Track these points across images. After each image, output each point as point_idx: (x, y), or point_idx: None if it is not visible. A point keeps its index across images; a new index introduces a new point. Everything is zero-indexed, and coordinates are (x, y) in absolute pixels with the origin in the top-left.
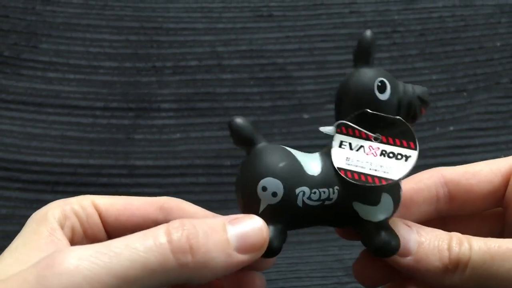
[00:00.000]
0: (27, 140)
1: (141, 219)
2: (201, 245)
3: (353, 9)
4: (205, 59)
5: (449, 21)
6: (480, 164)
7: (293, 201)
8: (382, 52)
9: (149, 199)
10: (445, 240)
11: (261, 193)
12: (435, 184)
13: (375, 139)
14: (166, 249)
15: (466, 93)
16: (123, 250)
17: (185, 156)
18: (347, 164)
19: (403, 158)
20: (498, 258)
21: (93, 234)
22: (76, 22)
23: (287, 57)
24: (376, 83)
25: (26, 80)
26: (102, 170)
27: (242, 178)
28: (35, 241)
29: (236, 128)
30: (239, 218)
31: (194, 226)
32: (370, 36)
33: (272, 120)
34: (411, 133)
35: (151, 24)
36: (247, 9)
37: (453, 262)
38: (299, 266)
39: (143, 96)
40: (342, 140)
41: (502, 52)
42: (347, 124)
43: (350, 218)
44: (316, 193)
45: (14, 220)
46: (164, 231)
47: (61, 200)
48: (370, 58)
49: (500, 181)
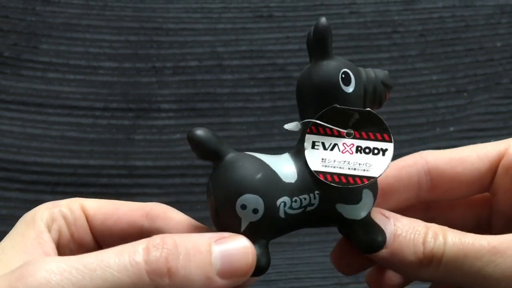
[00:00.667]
0: (27, 141)
1: (126, 225)
2: (181, 267)
3: (353, 9)
4: (205, 60)
5: (449, 21)
6: (466, 149)
7: (275, 214)
8: (382, 52)
9: (137, 204)
10: (421, 233)
11: (240, 211)
12: (417, 171)
13: (348, 134)
14: (141, 269)
15: (467, 93)
16: (96, 267)
17: (185, 157)
18: (324, 166)
19: (380, 153)
20: (470, 256)
21: (80, 237)
22: (76, 22)
23: (287, 57)
24: (340, 76)
25: (26, 81)
26: (102, 170)
27: (217, 196)
28: (21, 243)
29: (198, 141)
30: (226, 238)
31: (175, 246)
32: (324, 23)
33: (272, 121)
34: (384, 125)
35: (151, 24)
36: (247, 9)
37: (427, 257)
38: (299, 267)
39: (143, 96)
40: (314, 141)
41: (502, 53)
42: (317, 123)
43: (334, 220)
44: (297, 201)
45: (14, 220)
46: (142, 248)
47: (51, 203)
48: (329, 48)
49: (487, 168)
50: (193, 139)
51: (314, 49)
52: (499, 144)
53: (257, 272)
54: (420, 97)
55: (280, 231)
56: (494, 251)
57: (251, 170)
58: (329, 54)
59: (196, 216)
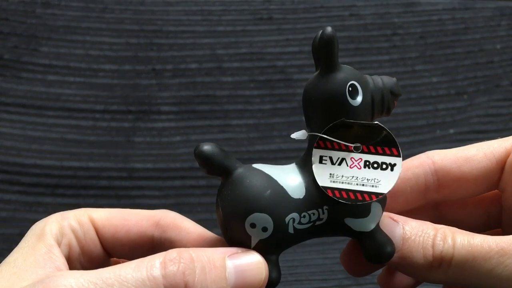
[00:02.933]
0: (27, 143)
1: (137, 236)
2: (197, 282)
3: (353, 12)
4: (205, 62)
5: (449, 23)
6: (472, 148)
7: (284, 230)
8: (382, 54)
9: (146, 213)
10: (430, 235)
11: (250, 230)
12: (424, 172)
13: (356, 149)
14: (159, 284)
15: (467, 95)
16: (114, 281)
17: (185, 159)
18: (332, 181)
19: (389, 168)
20: (479, 258)
21: (90, 250)
22: (76, 25)
23: (287, 59)
24: (347, 89)
25: (26, 83)
26: (102, 172)
27: (226, 213)
28: (33, 257)
29: (205, 157)
30: (239, 253)
31: (192, 260)
32: (329, 33)
33: (272, 123)
34: (392, 138)
35: (151, 27)
36: (247, 12)
37: (437, 259)
38: (299, 269)
39: (143, 98)
40: (322, 155)
41: (502, 55)
42: (325, 138)
43: (343, 232)
44: (306, 216)
45: (14, 223)
46: (160, 262)
47: (59, 214)
48: (335, 59)
49: (494, 165)
50: (200, 156)
51: (319, 59)
52: (505, 141)
53: (269, 286)
54: (420, 99)
55: (289, 245)
56: (503, 253)
57: (260, 188)
58: (336, 66)
59: (197, 219)
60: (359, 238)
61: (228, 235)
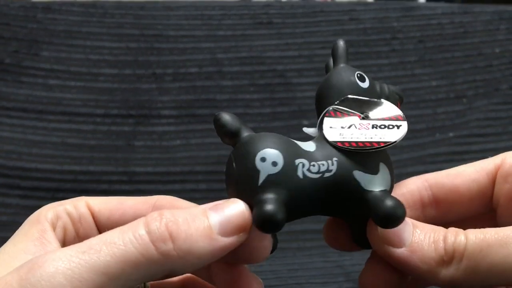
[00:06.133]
0: (28, 147)
1: (133, 218)
2: (182, 231)
3: (353, 16)
4: (205, 66)
5: (448, 27)
6: (463, 166)
7: (293, 171)
8: (381, 58)
9: (142, 198)
10: (441, 232)
11: (260, 163)
12: (418, 188)
13: (364, 118)
14: (145, 239)
15: (466, 99)
16: (102, 246)
17: (186, 163)
18: (342, 137)
19: (395, 127)
20: (495, 245)
21: (86, 233)
22: (76, 29)
23: (287, 63)
24: (356, 75)
25: (27, 88)
26: (102, 176)
27: (237, 155)
28: (23, 243)
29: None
30: (220, 204)
31: (173, 215)
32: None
33: (272, 127)
34: (396, 109)
35: (151, 31)
36: (247, 16)
37: (449, 253)
38: (299, 272)
39: (143, 103)
40: (332, 122)
41: (501, 59)
42: (336, 108)
43: (352, 191)
44: (315, 165)
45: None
46: (143, 222)
47: (56, 202)
48: (347, 59)
49: (486, 181)
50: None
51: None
52: (495, 158)
53: (273, 226)
54: (420, 103)
55: (298, 198)
56: None
57: (272, 135)
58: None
59: None
60: (368, 199)
61: (234, 180)
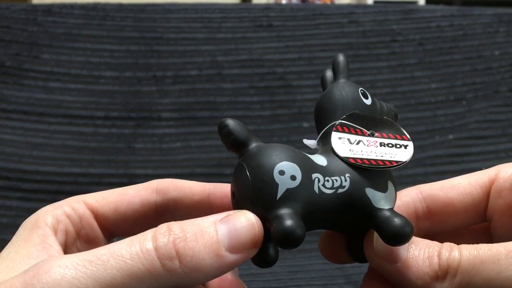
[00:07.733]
0: (28, 150)
1: (140, 205)
2: (189, 249)
3: (352, 19)
4: (205, 69)
5: (448, 30)
6: (457, 178)
7: (310, 186)
8: (381, 61)
9: (142, 185)
10: (436, 247)
11: (278, 177)
12: (412, 200)
13: (370, 135)
14: (152, 255)
15: (465, 101)
16: (109, 257)
17: (186, 165)
18: (353, 154)
19: (402, 147)
20: (488, 261)
21: (87, 234)
22: (77, 32)
23: (287, 66)
24: (360, 91)
25: (28, 90)
26: (102, 179)
27: (252, 168)
28: (26, 249)
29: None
30: (230, 215)
31: (182, 230)
32: (344, 57)
33: (272, 129)
34: (401, 130)
35: (151, 34)
36: (247, 19)
37: (443, 269)
38: (299, 274)
39: (143, 105)
40: (340, 137)
41: (500, 61)
42: (343, 122)
43: (362, 208)
44: (329, 181)
45: (14, 229)
46: (151, 236)
47: (51, 205)
48: (347, 74)
49: (480, 194)
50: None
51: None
52: (489, 170)
53: (294, 242)
54: (419, 105)
55: (314, 213)
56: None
57: (285, 147)
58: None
59: None
60: (377, 218)
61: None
